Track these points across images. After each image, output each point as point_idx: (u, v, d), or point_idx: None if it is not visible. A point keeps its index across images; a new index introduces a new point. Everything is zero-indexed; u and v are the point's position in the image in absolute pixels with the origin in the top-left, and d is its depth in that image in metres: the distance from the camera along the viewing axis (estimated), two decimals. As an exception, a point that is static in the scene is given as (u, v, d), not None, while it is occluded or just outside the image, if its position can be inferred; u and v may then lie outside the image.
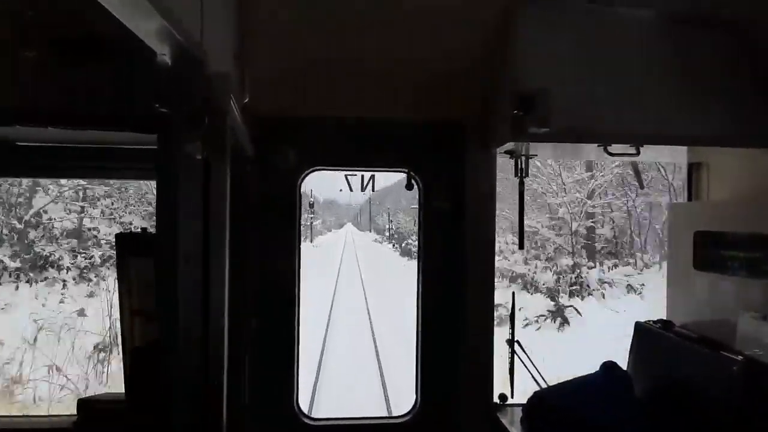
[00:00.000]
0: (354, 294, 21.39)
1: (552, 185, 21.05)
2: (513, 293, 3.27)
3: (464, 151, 2.98)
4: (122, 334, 2.27)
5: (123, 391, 2.21)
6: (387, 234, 56.32)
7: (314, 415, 4.14)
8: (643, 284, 18.11)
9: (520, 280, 19.22)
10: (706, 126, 2.42)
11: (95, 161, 2.53)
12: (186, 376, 1.54)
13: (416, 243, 3.18)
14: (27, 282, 15.84)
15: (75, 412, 2.51)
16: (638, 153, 2.59)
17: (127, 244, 2.25)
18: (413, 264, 3.59)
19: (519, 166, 2.86)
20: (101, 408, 2.49)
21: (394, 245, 46.01)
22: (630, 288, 18.17)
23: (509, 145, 2.66)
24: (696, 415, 2.41)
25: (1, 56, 1.79)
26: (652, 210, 22.20)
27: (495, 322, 3.06)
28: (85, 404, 2.52)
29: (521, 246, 3.03)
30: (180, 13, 1.27)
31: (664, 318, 3.02)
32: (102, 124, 1.98)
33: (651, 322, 3.00)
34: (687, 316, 2.92)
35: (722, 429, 2.26)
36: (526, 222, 3.07)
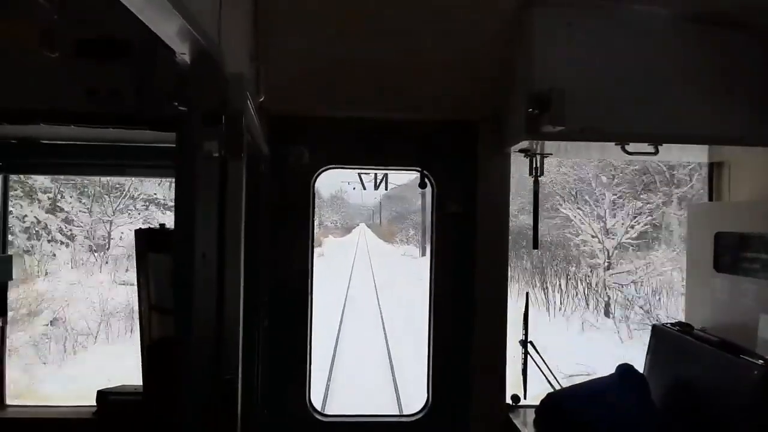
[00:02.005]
0: None
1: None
2: (527, 294, 3.24)
3: (478, 151, 2.97)
4: (140, 328, 2.32)
5: (141, 383, 2.26)
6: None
7: (327, 412, 4.16)
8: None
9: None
10: (727, 124, 2.37)
11: (116, 159, 2.59)
12: (200, 371, 1.57)
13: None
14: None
15: (94, 403, 2.58)
16: (657, 152, 2.54)
17: (145, 239, 2.30)
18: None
19: (534, 165, 2.83)
20: (120, 400, 2.56)
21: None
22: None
23: (524, 144, 2.63)
24: (714, 421, 2.36)
25: (26, 57, 1.84)
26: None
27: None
28: (104, 396, 2.58)
29: (535, 246, 3.00)
30: (199, 15, 1.30)
31: (683, 320, 2.96)
32: (122, 122, 2.03)
33: (669, 325, 2.94)
34: (706, 319, 2.85)
35: None
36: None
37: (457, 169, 3.03)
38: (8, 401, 2.85)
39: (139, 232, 2.31)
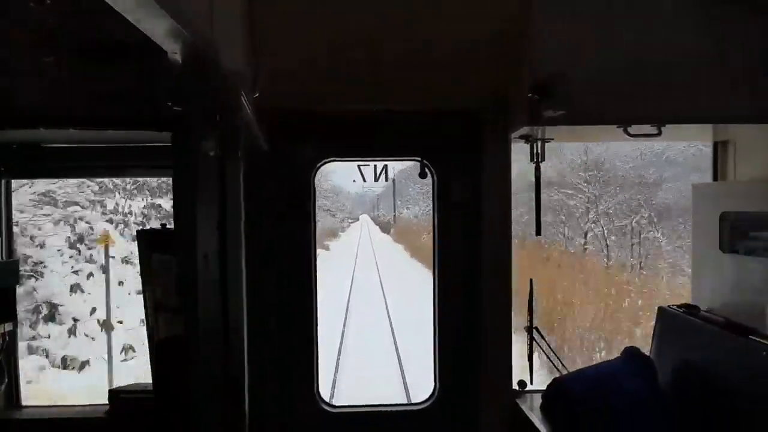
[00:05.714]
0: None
1: None
2: (531, 280, 3.23)
3: (479, 139, 2.95)
4: (148, 328, 2.34)
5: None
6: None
7: (335, 403, 4.20)
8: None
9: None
10: (732, 103, 2.33)
11: (115, 160, 2.59)
12: (208, 367, 1.59)
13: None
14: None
15: (106, 401, 2.62)
16: (660, 133, 2.51)
17: (148, 240, 2.31)
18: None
19: (535, 151, 2.81)
20: (131, 398, 2.59)
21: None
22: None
23: (524, 130, 2.61)
24: (722, 403, 2.36)
25: (25, 62, 1.84)
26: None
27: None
28: (116, 394, 2.62)
29: (538, 232, 2.99)
30: (190, 13, 1.28)
31: (689, 302, 2.95)
32: (120, 124, 2.02)
33: (675, 307, 2.93)
34: (713, 300, 2.84)
35: (751, 418, 2.21)
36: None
37: (458, 158, 3.01)
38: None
39: (141, 233, 2.31)
